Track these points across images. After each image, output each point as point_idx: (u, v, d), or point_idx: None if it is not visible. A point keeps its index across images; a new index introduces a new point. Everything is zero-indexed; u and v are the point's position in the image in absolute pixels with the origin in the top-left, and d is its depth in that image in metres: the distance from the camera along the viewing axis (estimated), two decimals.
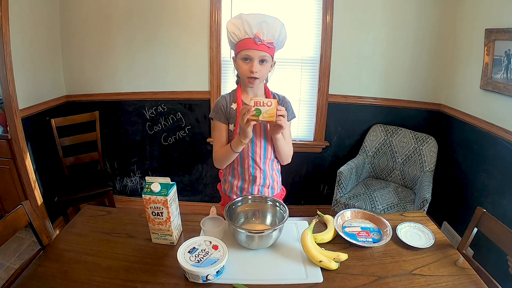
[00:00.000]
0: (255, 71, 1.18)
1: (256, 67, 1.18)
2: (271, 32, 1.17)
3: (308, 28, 2.42)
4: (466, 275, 1.01)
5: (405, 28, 2.39)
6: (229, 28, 1.20)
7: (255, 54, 1.17)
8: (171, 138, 2.70)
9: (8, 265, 2.07)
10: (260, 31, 1.16)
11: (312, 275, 1.00)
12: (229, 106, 1.29)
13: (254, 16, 1.17)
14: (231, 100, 1.30)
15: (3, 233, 1.03)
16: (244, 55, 1.19)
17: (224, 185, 1.44)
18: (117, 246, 1.11)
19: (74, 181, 2.41)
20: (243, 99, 1.29)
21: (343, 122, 2.62)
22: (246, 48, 1.18)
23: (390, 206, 2.16)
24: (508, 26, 1.80)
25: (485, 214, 1.17)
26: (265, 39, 1.17)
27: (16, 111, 2.06)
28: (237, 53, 1.23)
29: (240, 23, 1.17)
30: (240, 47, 1.20)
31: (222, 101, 1.30)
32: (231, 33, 1.20)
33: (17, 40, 2.02)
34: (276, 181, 1.41)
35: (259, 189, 1.36)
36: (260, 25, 1.16)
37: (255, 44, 1.16)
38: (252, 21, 1.16)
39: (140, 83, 2.56)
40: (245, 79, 1.24)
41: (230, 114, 1.29)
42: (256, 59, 1.18)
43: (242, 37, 1.18)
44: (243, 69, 1.21)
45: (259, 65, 1.19)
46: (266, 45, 1.17)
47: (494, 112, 1.98)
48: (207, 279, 0.95)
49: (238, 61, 1.23)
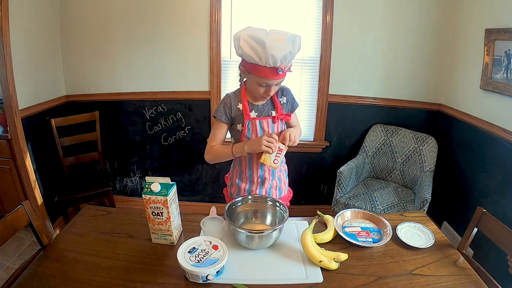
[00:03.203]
0: (271, 95, 1.18)
1: (273, 91, 1.18)
2: (293, 58, 1.13)
3: (308, 28, 2.42)
4: (466, 275, 1.02)
5: (405, 28, 2.39)
6: (245, 50, 1.09)
7: (275, 82, 1.15)
8: (171, 138, 2.70)
9: (8, 265, 2.07)
10: (284, 62, 1.10)
11: (312, 275, 1.00)
12: (235, 106, 1.27)
13: (280, 46, 1.06)
14: (237, 100, 1.28)
15: (3, 233, 1.03)
16: (262, 82, 1.15)
17: (230, 189, 1.42)
18: (117, 246, 1.11)
19: (74, 181, 2.41)
20: (249, 100, 1.28)
21: (343, 122, 2.62)
22: (265, 77, 1.13)
23: (390, 206, 2.16)
24: (508, 26, 1.80)
25: (485, 214, 1.17)
26: (286, 66, 1.12)
27: (16, 111, 2.06)
28: (251, 72, 1.16)
29: (263, 52, 1.06)
30: (256, 72, 1.13)
31: (227, 101, 1.27)
32: (247, 55, 1.10)
33: (17, 40, 2.02)
34: (283, 182, 1.41)
35: (266, 191, 1.36)
36: (284, 57, 1.08)
37: (277, 74, 1.12)
38: (278, 54, 1.06)
39: (140, 83, 2.56)
40: (258, 97, 1.23)
41: (236, 114, 1.27)
42: (274, 85, 1.16)
43: (261, 64, 1.10)
44: (259, 91, 1.19)
45: (275, 87, 1.19)
46: (287, 71, 1.14)
47: (494, 112, 1.98)
48: (207, 279, 0.95)
49: (252, 80, 1.18)
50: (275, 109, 1.29)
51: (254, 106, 1.28)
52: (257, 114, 1.27)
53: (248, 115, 1.25)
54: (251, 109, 1.27)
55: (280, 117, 1.27)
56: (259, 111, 1.28)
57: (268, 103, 1.30)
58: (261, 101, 1.28)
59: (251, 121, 1.26)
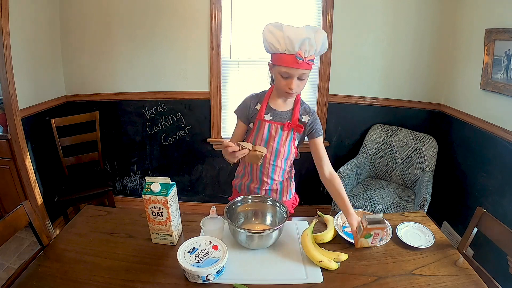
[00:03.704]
0: (293, 88, 1.16)
1: (295, 84, 1.15)
2: (313, 48, 1.10)
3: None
4: (466, 275, 1.02)
5: (405, 28, 2.39)
6: (268, 38, 1.12)
7: (295, 72, 1.12)
8: (171, 138, 2.70)
9: (8, 265, 2.07)
10: (303, 49, 1.08)
11: (312, 275, 1.00)
12: (254, 107, 1.28)
13: (297, 31, 1.07)
14: (257, 101, 1.29)
15: (3, 233, 1.03)
16: (284, 72, 1.14)
17: (235, 181, 1.46)
18: (117, 246, 1.11)
19: (74, 181, 2.41)
20: (270, 103, 1.28)
21: (343, 122, 2.62)
22: (286, 65, 1.12)
23: (390, 206, 2.16)
24: (508, 26, 1.80)
25: (485, 214, 1.17)
26: (307, 56, 1.10)
27: (16, 111, 2.06)
28: (274, 64, 1.17)
29: (281, 36, 1.08)
30: (279, 61, 1.13)
31: (248, 101, 1.29)
32: (269, 43, 1.12)
33: (17, 40, 2.02)
34: (285, 188, 1.40)
35: (266, 192, 1.36)
36: (303, 42, 1.07)
37: (296, 62, 1.10)
38: (294, 38, 1.07)
39: (140, 83, 2.56)
40: (282, 92, 1.21)
41: (253, 114, 1.29)
42: (295, 76, 1.14)
43: (281, 51, 1.10)
44: (281, 84, 1.17)
45: (298, 81, 1.16)
46: (307, 62, 1.11)
47: (494, 112, 1.98)
48: (207, 279, 0.95)
49: (275, 72, 1.17)
50: (291, 119, 1.27)
51: (272, 110, 1.27)
52: (272, 118, 1.26)
53: (261, 115, 1.26)
54: (268, 111, 1.27)
55: (291, 126, 1.25)
56: (275, 116, 1.27)
57: (289, 112, 1.28)
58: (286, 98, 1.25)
59: (261, 121, 1.26)
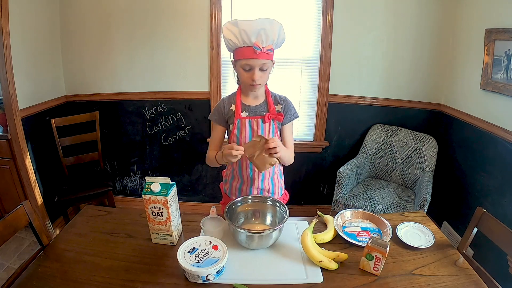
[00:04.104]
0: (256, 79, 1.17)
1: (257, 75, 1.17)
2: (270, 38, 1.13)
3: (308, 28, 2.42)
4: (466, 275, 1.02)
5: (405, 28, 2.39)
6: (225, 35, 1.16)
7: (255, 62, 1.15)
8: (171, 138, 2.70)
9: (8, 265, 2.07)
10: (259, 39, 1.12)
11: (312, 275, 1.00)
12: (228, 108, 1.30)
13: (251, 23, 1.11)
14: (230, 102, 1.30)
15: (3, 233, 1.03)
16: (244, 64, 1.17)
17: (225, 185, 1.45)
18: (117, 246, 1.11)
19: (74, 181, 2.41)
20: (242, 100, 1.30)
21: (343, 122, 2.62)
22: (245, 57, 1.15)
23: (390, 206, 2.16)
24: (508, 26, 1.80)
25: (485, 214, 1.17)
26: (265, 46, 1.13)
27: (16, 111, 2.06)
28: (236, 60, 1.20)
29: (237, 31, 1.12)
30: (238, 55, 1.17)
31: (221, 104, 1.31)
32: (228, 40, 1.16)
33: (17, 40, 2.02)
34: (276, 186, 1.40)
35: (258, 192, 1.36)
36: (258, 33, 1.11)
37: (255, 53, 1.13)
38: (249, 30, 1.11)
39: (140, 83, 2.56)
40: (247, 86, 1.23)
41: (228, 115, 1.30)
42: (256, 67, 1.16)
43: (240, 45, 1.15)
44: (244, 77, 1.20)
45: (260, 72, 1.18)
46: (265, 52, 1.14)
47: (494, 112, 1.98)
48: (207, 279, 0.95)
49: (238, 68, 1.21)
50: (268, 110, 1.29)
51: (246, 106, 1.29)
52: (248, 114, 1.28)
53: (238, 114, 1.27)
54: (243, 109, 1.29)
55: (271, 117, 1.27)
56: (251, 111, 1.29)
57: (262, 104, 1.30)
58: (252, 92, 1.27)
59: (241, 120, 1.27)
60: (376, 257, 0.99)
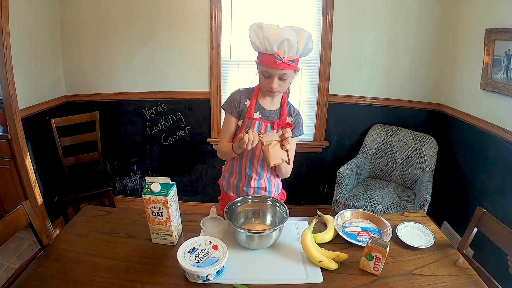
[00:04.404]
0: (274, 87, 1.16)
1: (275, 83, 1.15)
2: (294, 49, 1.09)
3: (308, 28, 2.39)
4: (466, 275, 1.02)
5: (405, 28, 2.39)
6: (251, 37, 1.13)
7: (275, 72, 1.12)
8: (171, 138, 2.70)
9: (8, 265, 2.07)
10: (282, 49, 1.08)
11: (312, 275, 1.00)
12: (243, 102, 1.28)
13: (276, 32, 1.07)
14: (246, 97, 1.29)
15: (3, 233, 1.03)
16: (264, 71, 1.14)
17: (223, 181, 1.46)
18: (117, 246, 1.11)
19: (74, 181, 2.41)
20: (259, 100, 1.28)
21: (343, 122, 2.62)
22: (265, 64, 1.12)
23: (390, 206, 2.16)
24: (508, 26, 1.80)
25: (485, 214, 1.17)
26: (286, 57, 1.09)
27: (16, 111, 2.06)
28: (258, 62, 1.18)
29: (261, 35, 1.09)
30: (260, 60, 1.15)
31: (237, 95, 1.28)
32: (252, 41, 1.13)
33: (17, 40, 2.02)
34: (273, 184, 1.40)
35: (255, 191, 1.36)
36: (281, 43, 1.07)
37: (275, 63, 1.09)
38: (272, 38, 1.07)
39: (140, 83, 2.56)
40: (265, 91, 1.22)
41: (243, 109, 1.28)
42: (275, 76, 1.14)
43: (262, 51, 1.12)
44: (263, 82, 1.18)
45: (279, 81, 1.16)
46: (287, 63, 1.10)
47: (494, 112, 1.98)
48: (207, 279, 0.95)
49: (259, 70, 1.19)
50: (280, 118, 1.29)
51: (261, 108, 1.28)
52: (261, 116, 1.27)
53: (251, 113, 1.26)
54: (257, 109, 1.27)
55: (280, 125, 1.26)
56: (264, 114, 1.28)
57: (276, 111, 1.29)
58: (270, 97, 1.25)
59: (251, 120, 1.26)
60: (376, 257, 0.99)
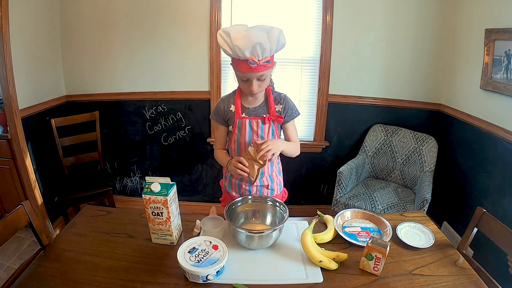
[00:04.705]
0: (254, 89, 1.15)
1: (255, 85, 1.14)
2: (267, 50, 1.06)
3: (308, 28, 2.42)
4: (466, 275, 1.02)
5: (405, 28, 2.39)
6: (220, 43, 1.09)
7: (252, 75, 1.11)
8: (171, 138, 2.70)
9: (8, 265, 2.07)
10: (255, 54, 1.05)
11: (312, 275, 1.00)
12: (228, 109, 1.29)
13: (245, 37, 1.02)
14: (230, 102, 1.30)
15: (3, 233, 1.03)
16: (241, 76, 1.13)
17: (225, 182, 1.46)
18: (117, 246, 1.11)
19: (74, 181, 2.41)
20: (242, 102, 1.29)
21: (343, 122, 2.62)
22: (240, 70, 1.11)
23: (390, 206, 2.16)
24: (508, 26, 1.80)
25: (485, 214, 1.17)
26: (261, 59, 1.07)
27: (16, 111, 2.06)
28: (233, 67, 1.16)
29: (230, 42, 1.05)
30: (235, 66, 1.13)
31: (220, 104, 1.31)
32: (223, 49, 1.10)
33: (17, 40, 2.02)
34: (275, 182, 1.41)
35: (257, 189, 1.36)
36: (253, 48, 1.04)
37: (250, 68, 1.07)
38: (242, 46, 1.02)
39: (140, 83, 2.56)
40: (245, 91, 1.22)
41: (229, 116, 1.30)
42: (254, 79, 1.13)
43: (235, 57, 1.10)
44: (243, 86, 1.18)
45: (258, 82, 1.15)
46: (262, 65, 1.08)
47: (494, 112, 1.98)
48: (207, 279, 0.95)
49: (236, 75, 1.18)
50: (269, 111, 1.29)
51: (246, 108, 1.29)
52: (248, 115, 1.28)
53: (239, 114, 1.27)
54: (243, 111, 1.28)
55: (271, 118, 1.27)
56: (250, 113, 1.28)
57: (262, 105, 1.30)
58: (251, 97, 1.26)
59: (241, 119, 1.27)
60: (376, 257, 0.99)
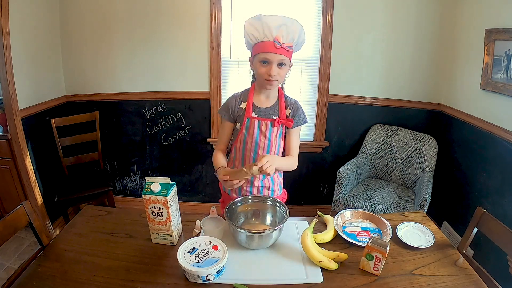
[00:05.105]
0: (273, 74, 1.17)
1: (275, 71, 1.17)
2: (290, 35, 1.15)
3: (308, 28, 2.42)
4: (466, 275, 1.02)
5: (405, 28, 2.39)
6: (247, 29, 1.17)
7: (274, 57, 1.15)
8: (171, 138, 2.70)
9: (8, 265, 2.07)
10: (280, 34, 1.14)
11: (312, 275, 1.00)
12: (238, 106, 1.29)
13: (274, 18, 1.14)
14: (241, 99, 1.30)
15: (3, 233, 1.03)
16: (263, 58, 1.17)
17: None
18: (117, 246, 1.11)
19: (74, 181, 2.41)
20: (254, 102, 1.29)
21: (343, 122, 2.62)
22: (265, 51, 1.16)
23: (390, 206, 2.16)
24: (508, 26, 1.80)
25: (485, 214, 1.17)
26: (285, 42, 1.15)
27: (16, 111, 2.06)
28: (254, 55, 1.20)
29: (260, 25, 1.14)
30: (258, 49, 1.17)
31: (232, 100, 1.30)
32: (249, 34, 1.17)
33: (17, 40, 2.02)
34: (276, 183, 1.41)
35: (258, 190, 1.36)
36: (280, 28, 1.13)
37: (275, 47, 1.14)
38: (272, 24, 1.13)
39: (140, 83, 2.56)
40: (263, 81, 1.22)
41: (238, 113, 1.29)
42: (274, 63, 1.16)
43: (261, 39, 1.16)
44: (261, 72, 1.19)
45: (278, 68, 1.18)
46: (285, 48, 1.15)
47: (494, 112, 1.98)
48: (207, 279, 0.95)
49: (255, 63, 1.20)
50: (279, 114, 1.29)
51: (257, 108, 1.28)
52: (258, 116, 1.28)
53: (249, 113, 1.26)
54: (253, 110, 1.28)
55: (280, 121, 1.27)
56: (260, 113, 1.28)
57: (273, 107, 1.29)
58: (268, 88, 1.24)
59: (250, 119, 1.26)
60: (376, 257, 0.99)
